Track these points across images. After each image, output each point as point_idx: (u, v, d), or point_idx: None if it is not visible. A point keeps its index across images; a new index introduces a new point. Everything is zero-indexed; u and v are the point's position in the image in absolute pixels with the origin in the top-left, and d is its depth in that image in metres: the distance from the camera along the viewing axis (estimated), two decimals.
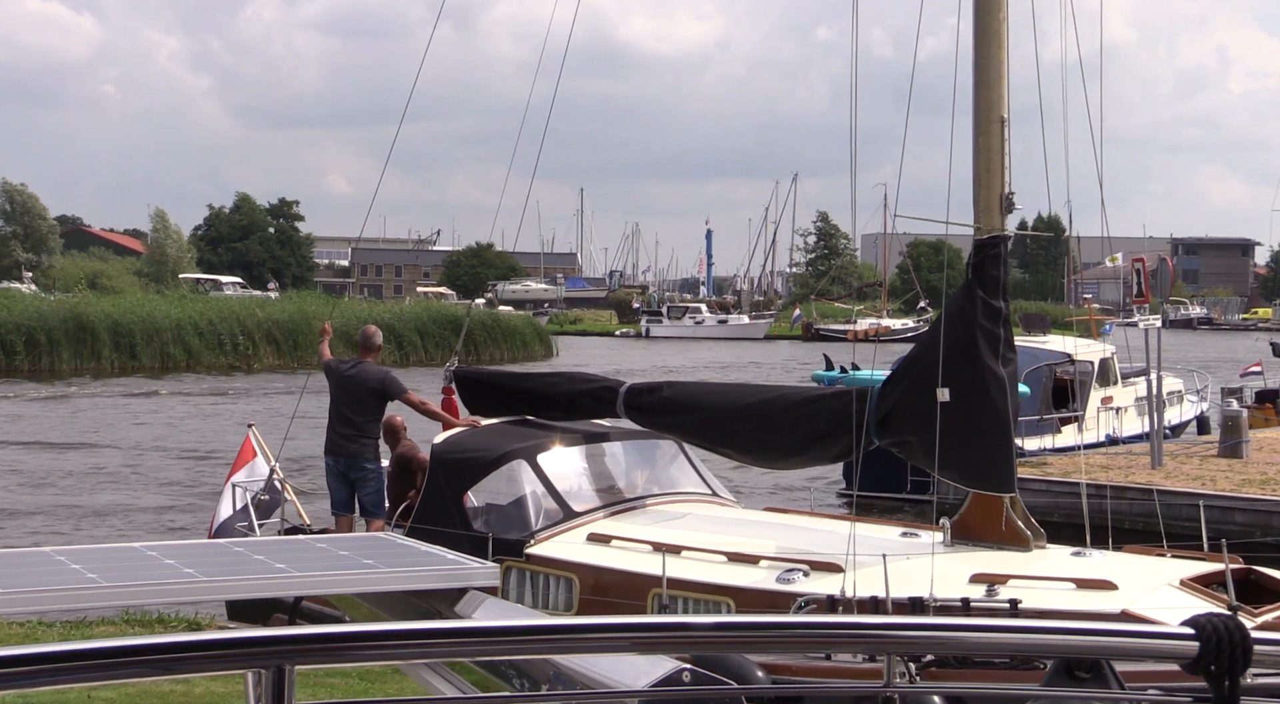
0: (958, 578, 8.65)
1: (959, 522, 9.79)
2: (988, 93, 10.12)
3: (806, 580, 8.89)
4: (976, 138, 10.19)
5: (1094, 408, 23.93)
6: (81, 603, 4.29)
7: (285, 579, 3.97)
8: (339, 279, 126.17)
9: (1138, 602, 8.18)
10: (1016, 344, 27.62)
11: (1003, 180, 10.16)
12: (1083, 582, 8.59)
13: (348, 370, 11.44)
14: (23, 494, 21.00)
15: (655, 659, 3.21)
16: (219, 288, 74.79)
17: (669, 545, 9.43)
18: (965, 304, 9.99)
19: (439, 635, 2.53)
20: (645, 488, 11.18)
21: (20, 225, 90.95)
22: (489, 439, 11.07)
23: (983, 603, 8.28)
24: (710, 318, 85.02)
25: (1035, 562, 9.25)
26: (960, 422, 9.47)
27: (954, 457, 9.62)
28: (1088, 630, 2.84)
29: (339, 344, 52.75)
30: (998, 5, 10.05)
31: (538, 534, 10.18)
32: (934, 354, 9.63)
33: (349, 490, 11.29)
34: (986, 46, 10.12)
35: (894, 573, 8.22)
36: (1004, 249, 10.17)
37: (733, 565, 9.29)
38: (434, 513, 10.45)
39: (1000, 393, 9.62)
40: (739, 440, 10.78)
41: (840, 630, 2.88)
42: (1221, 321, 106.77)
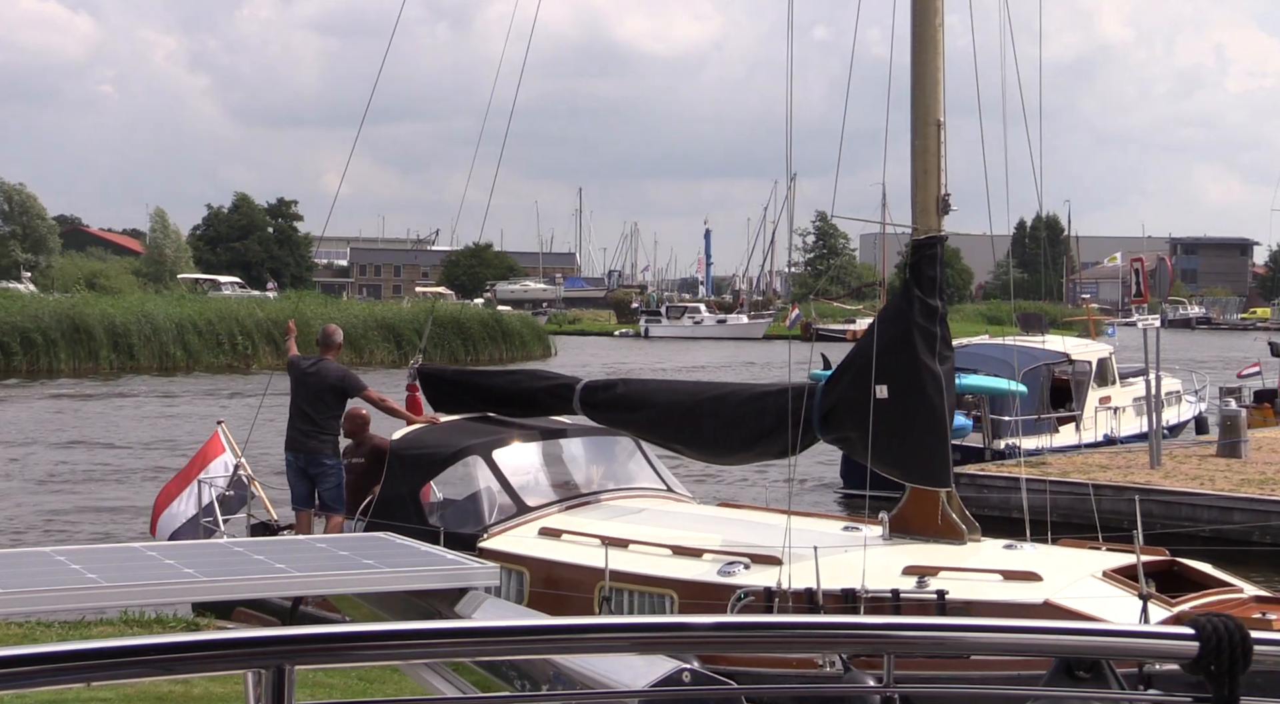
0: (892, 570, 8.87)
1: (897, 516, 10.04)
2: (924, 97, 10.35)
3: (746, 573, 9.13)
4: (914, 141, 10.39)
5: (1092, 408, 23.94)
6: (81, 603, 4.30)
7: (285, 579, 3.97)
8: (338, 279, 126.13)
9: (1060, 592, 8.39)
10: (1015, 344, 27.77)
11: (939, 182, 10.35)
12: (1009, 573, 8.78)
13: (308, 367, 11.61)
14: (21, 494, 20.99)
15: (655, 659, 3.21)
16: (217, 288, 74.75)
17: (616, 539, 9.64)
18: (902, 303, 10.24)
19: (439, 635, 2.53)
20: (601, 483, 11.40)
21: (19, 225, 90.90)
22: (446, 435, 11.30)
23: (912, 594, 8.50)
24: (709, 318, 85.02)
25: (968, 554, 9.46)
26: (897, 418, 9.75)
27: (892, 452, 9.95)
28: (1088, 631, 2.84)
29: None
30: (934, 12, 10.26)
31: (490, 528, 10.40)
32: (872, 352, 9.91)
33: (309, 486, 11.42)
34: (922, 52, 10.37)
35: (832, 565, 8.52)
36: (940, 250, 10.37)
37: (677, 559, 9.53)
38: (391, 507, 10.65)
39: (936, 390, 9.84)
40: (689, 436, 11.03)
41: (840, 630, 2.88)
42: (1220, 321, 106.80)
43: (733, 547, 9.54)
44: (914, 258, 10.39)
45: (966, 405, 22.22)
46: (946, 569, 8.90)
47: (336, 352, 12.00)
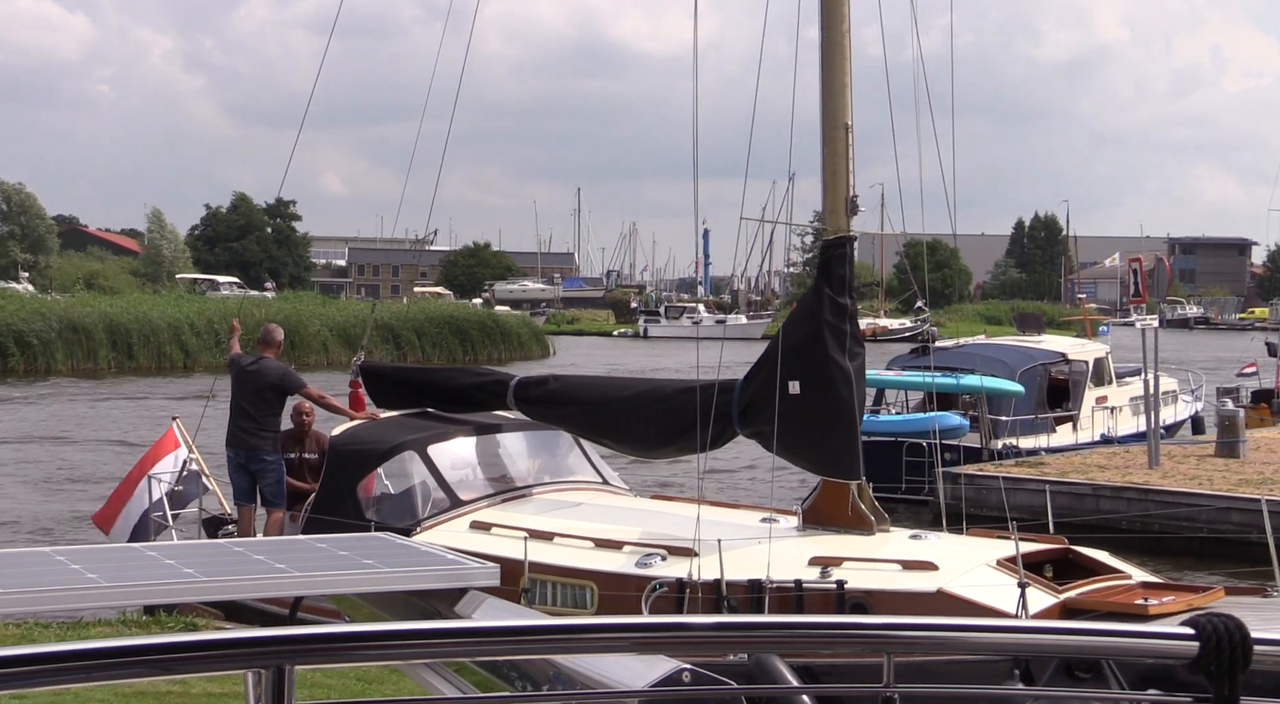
0: (799, 561, 9.19)
1: (810, 508, 10.32)
2: (833, 102, 10.63)
3: (663, 564, 9.43)
4: (824, 145, 10.66)
5: (1088, 407, 23.96)
6: (81, 603, 4.30)
7: (285, 579, 3.97)
8: (336, 279, 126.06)
9: (953, 581, 8.73)
10: (1011, 344, 27.77)
11: (848, 184, 10.63)
12: (908, 563, 9.14)
13: (248, 365, 11.82)
14: (20, 494, 20.97)
15: (655, 659, 3.21)
16: (216, 288, 74.74)
17: (542, 532, 9.98)
18: (813, 302, 10.49)
19: (439, 635, 2.53)
20: (537, 477, 11.69)
21: (18, 225, 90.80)
22: (384, 431, 11.55)
23: (814, 584, 8.85)
24: (708, 318, 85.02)
25: (874, 545, 9.73)
26: (809, 413, 10.07)
27: (804, 446, 10.31)
28: (1087, 631, 2.84)
29: (336, 344, 52.32)
30: (840, 19, 10.61)
31: (423, 522, 10.65)
32: (785, 348, 10.27)
33: (250, 481, 11.58)
34: (832, 58, 10.65)
35: (744, 556, 8.90)
36: (850, 249, 10.62)
37: (598, 551, 9.81)
38: (330, 502, 10.94)
39: (846, 385, 10.13)
40: (617, 431, 11.28)
41: (840, 630, 2.88)
42: (1218, 321, 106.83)
43: (652, 539, 9.80)
44: (824, 257, 10.63)
45: (964, 405, 22.25)
46: (850, 559, 9.20)
47: (277, 349, 12.20)
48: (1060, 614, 8.47)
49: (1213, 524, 16.89)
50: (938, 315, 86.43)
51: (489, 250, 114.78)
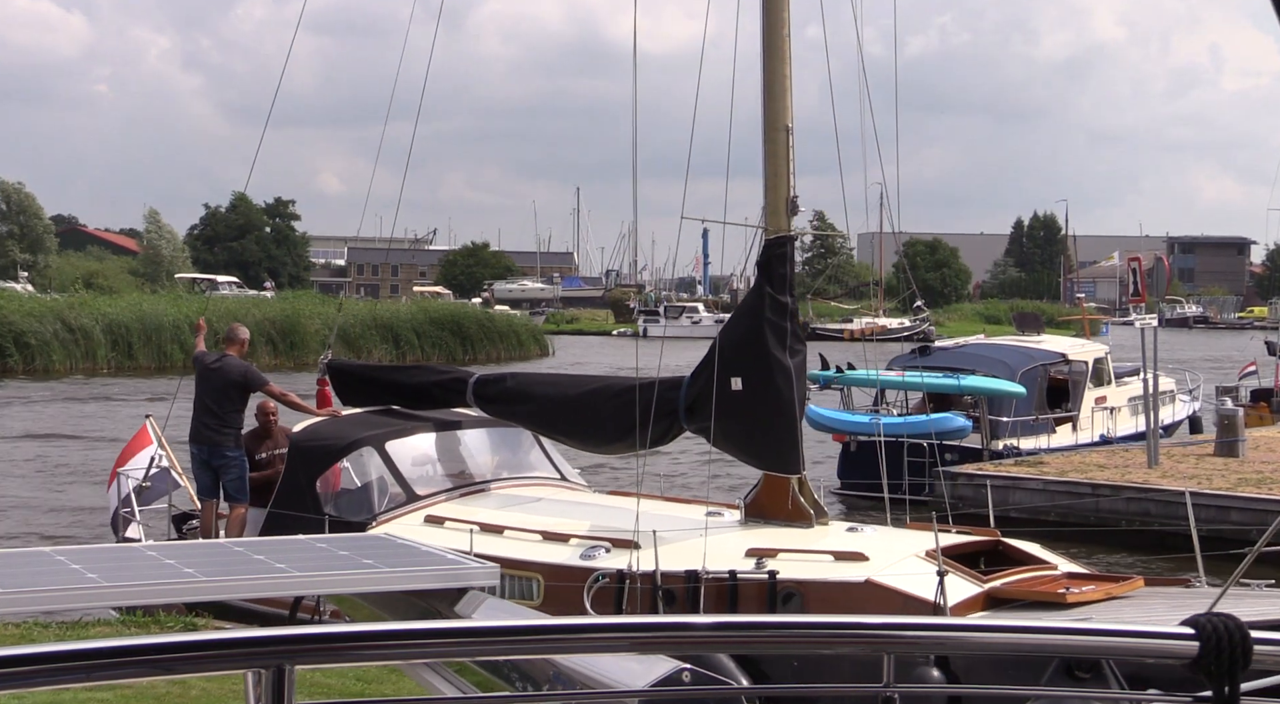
0: (736, 552, 9.46)
1: (753, 501, 10.55)
2: (774, 104, 10.84)
3: (607, 556, 9.66)
4: (765, 146, 10.87)
5: (1088, 408, 23.96)
6: (81, 603, 4.30)
7: (285, 579, 3.97)
8: (336, 279, 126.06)
9: (881, 571, 9.04)
10: (1011, 344, 27.78)
11: (788, 185, 10.81)
12: (840, 554, 9.41)
13: (212, 363, 12.01)
14: (20, 493, 20.97)
15: (655, 659, 3.21)
16: (215, 288, 74.70)
17: (493, 526, 10.29)
18: (754, 300, 10.76)
19: (439, 635, 2.53)
20: (495, 473, 11.93)
21: (16, 225, 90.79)
22: (344, 428, 11.82)
23: (748, 574, 9.12)
24: (708, 317, 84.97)
25: (810, 537, 9.99)
26: (751, 408, 10.36)
27: (746, 441, 10.59)
28: (1087, 631, 2.83)
29: (338, 344, 52.61)
30: (781, 23, 10.79)
31: (379, 516, 10.93)
32: (727, 346, 10.59)
33: (213, 477, 11.78)
34: (772, 62, 10.85)
35: (685, 548, 9.22)
36: (790, 249, 10.83)
37: (545, 544, 10.06)
38: (290, 497, 11.21)
39: (786, 382, 10.36)
40: (569, 427, 11.50)
41: (840, 630, 2.88)
42: (1218, 320, 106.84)
43: (599, 532, 10.02)
44: (765, 256, 10.78)
45: (965, 406, 22.25)
46: (785, 551, 9.48)
47: (241, 347, 12.43)
48: (984, 603, 8.85)
49: (1210, 523, 16.89)
50: (937, 315, 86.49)
51: (488, 250, 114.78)
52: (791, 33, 10.83)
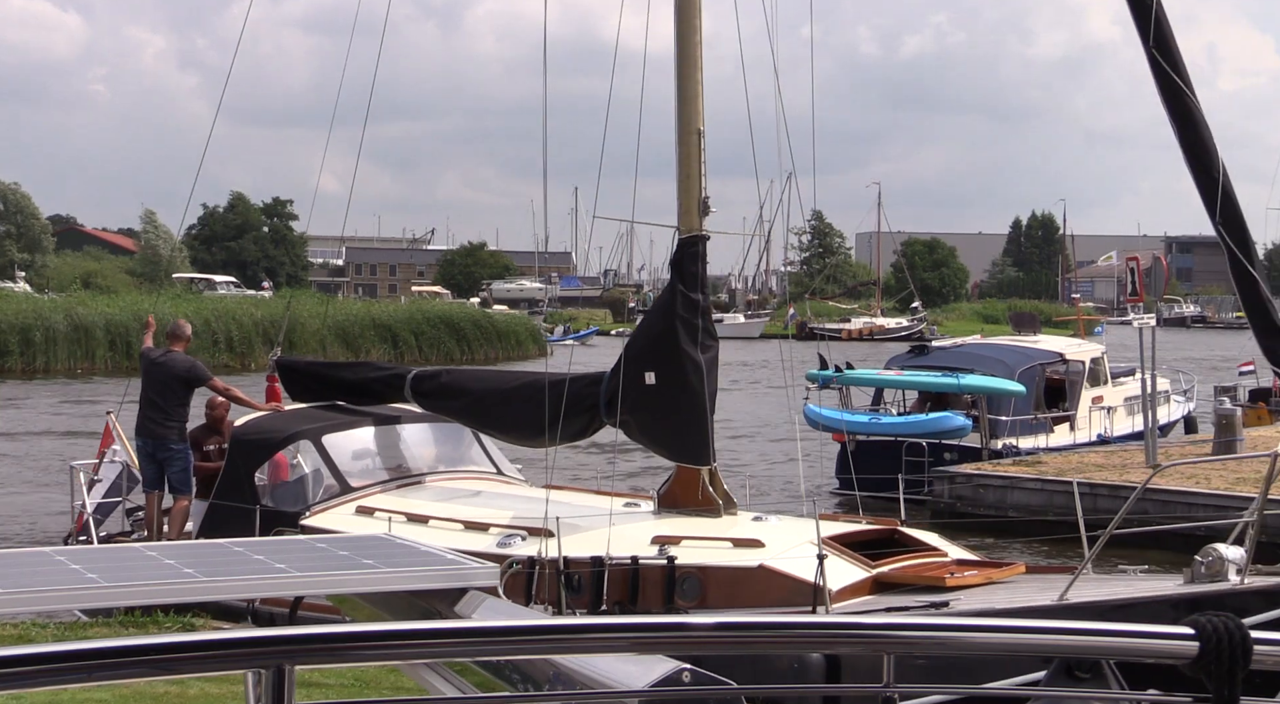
0: (643, 539, 9.87)
1: (666, 492, 10.93)
2: (686, 108, 11.22)
3: (523, 544, 10.04)
4: (678, 148, 11.23)
5: (1085, 407, 23.98)
6: (81, 603, 4.30)
7: (285, 579, 3.97)
8: (333, 278, 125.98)
9: (774, 557, 9.42)
10: (1009, 344, 27.77)
11: (700, 186, 11.14)
12: (738, 541, 9.83)
13: (157, 358, 12.36)
14: (20, 493, 20.96)
15: (654, 658, 3.21)
16: (213, 287, 74.70)
17: (420, 516, 10.68)
18: (667, 297, 11.13)
19: (439, 635, 2.53)
20: (432, 466, 12.31)
21: (13, 225, 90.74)
22: (283, 422, 12.21)
23: (648, 560, 9.51)
24: None
25: (716, 526, 10.35)
26: (664, 402, 10.72)
27: (660, 433, 10.95)
28: (1086, 631, 2.83)
29: (333, 342, 52.09)
30: (693, 29, 11.17)
31: (313, 507, 11.33)
32: (642, 342, 11.05)
33: (158, 470, 12.11)
34: (684, 67, 11.23)
35: (596, 536, 9.61)
36: (702, 247, 11.10)
37: (466, 532, 10.37)
38: (230, 489, 11.57)
39: (697, 376, 10.70)
40: (498, 421, 11.83)
41: (840, 630, 2.88)
42: (1215, 320, 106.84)
43: (518, 522, 10.40)
44: (678, 255, 11.12)
45: (963, 405, 22.26)
46: (689, 538, 9.90)
47: (185, 343, 12.68)
48: (871, 587, 9.31)
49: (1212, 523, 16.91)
50: (935, 314, 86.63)
51: (486, 250, 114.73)
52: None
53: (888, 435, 21.69)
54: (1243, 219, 9.12)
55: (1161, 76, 9.12)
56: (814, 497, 10.24)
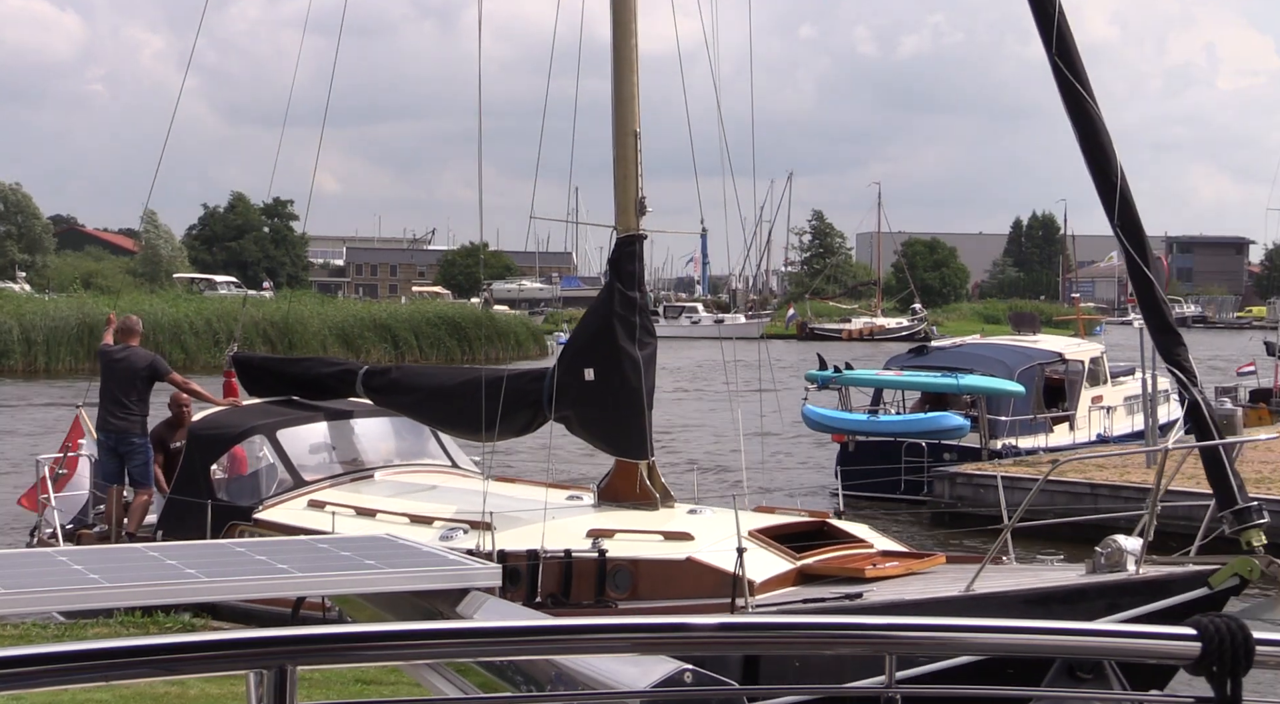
0: (579, 533, 10.09)
1: (606, 486, 11.17)
2: (623, 110, 11.43)
3: (464, 537, 10.13)
4: (615, 149, 11.45)
5: (1085, 407, 23.97)
6: (84, 604, 4.30)
7: (288, 580, 3.97)
8: (334, 279, 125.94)
9: (701, 550, 9.63)
10: (1008, 344, 27.76)
11: (637, 186, 11.35)
12: (669, 534, 10.07)
13: (118, 354, 12.59)
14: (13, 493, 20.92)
15: (656, 659, 3.21)
16: (214, 287, 74.69)
17: (369, 509, 10.94)
18: (605, 295, 11.38)
19: (441, 636, 2.53)
20: (385, 459, 12.50)
21: (14, 225, 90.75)
22: (239, 417, 12.43)
23: (581, 553, 9.74)
24: (706, 317, 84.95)
25: (652, 519, 10.57)
26: (603, 397, 10.97)
27: (599, 428, 11.21)
28: (1088, 631, 2.83)
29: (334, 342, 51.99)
30: (630, 33, 11.36)
31: (266, 501, 11.54)
32: (581, 339, 11.37)
33: (119, 463, 12.29)
34: (621, 69, 11.43)
35: (535, 529, 9.83)
36: (639, 247, 11.34)
37: (411, 525, 10.49)
38: (187, 483, 11.76)
39: (635, 372, 10.92)
40: (446, 416, 12.02)
41: (841, 631, 2.88)
42: (1216, 320, 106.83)
43: (462, 515, 10.53)
44: (615, 254, 11.34)
45: (963, 406, 22.26)
46: (622, 531, 10.10)
47: (139, 337, 12.96)
48: (795, 578, 9.55)
49: None
50: (935, 314, 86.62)
51: (486, 250, 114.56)
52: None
53: (886, 436, 21.67)
54: (1139, 221, 9.42)
55: (1064, 83, 9.32)
56: (736, 493, 10.47)
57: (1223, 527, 9.00)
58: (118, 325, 13.02)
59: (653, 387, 11.25)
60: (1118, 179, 9.35)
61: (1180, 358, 9.36)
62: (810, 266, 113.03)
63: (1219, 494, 8.99)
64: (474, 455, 13.46)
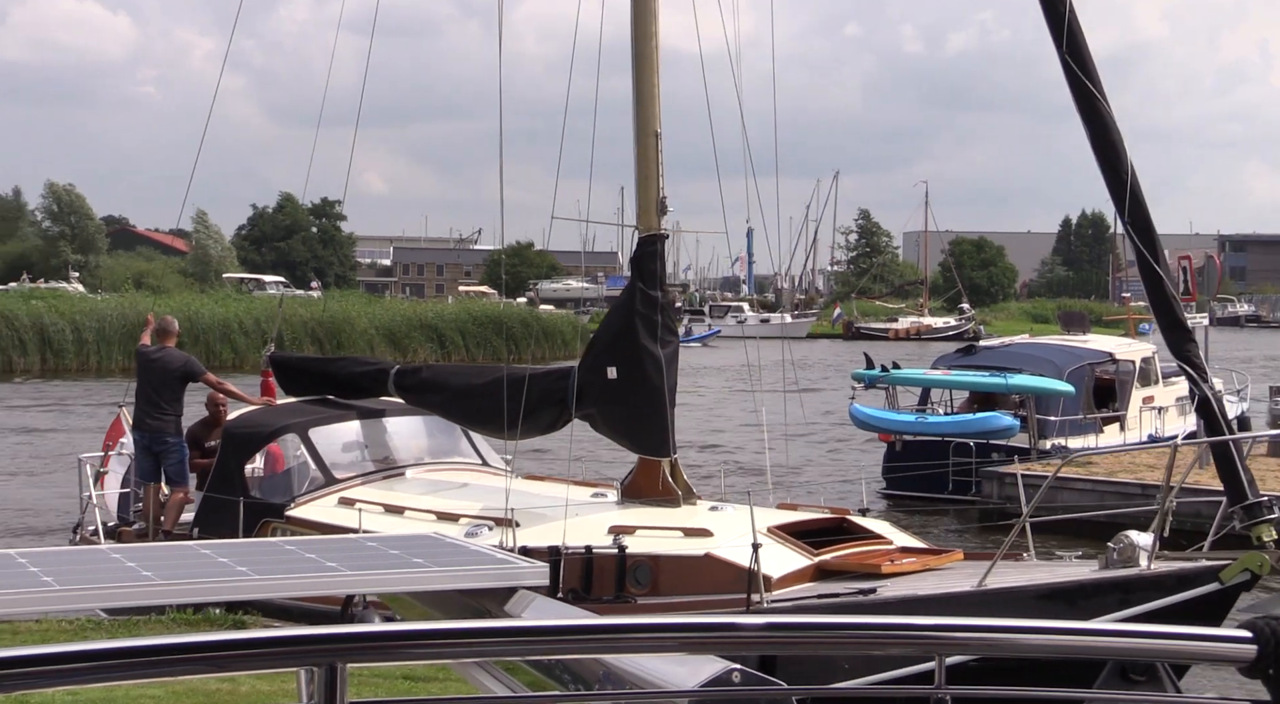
0: (600, 529, 10.14)
1: (630, 484, 11.26)
2: (644, 111, 11.49)
3: (489, 534, 10.21)
4: (636, 150, 11.53)
5: (1135, 407, 23.72)
6: (138, 601, 4.34)
7: (337, 578, 4.00)
8: (381, 278, 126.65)
9: (720, 546, 9.70)
10: (1057, 343, 27.60)
11: (658, 186, 11.42)
12: (688, 530, 10.15)
13: (154, 355, 12.80)
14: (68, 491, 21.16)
15: (704, 658, 3.20)
16: (262, 287, 75.30)
17: (397, 506, 11.09)
18: (627, 295, 11.48)
19: (490, 634, 2.53)
20: (416, 458, 12.66)
21: (68, 225, 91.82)
22: (273, 416, 12.64)
23: (601, 549, 9.82)
24: (752, 317, 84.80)
25: (674, 516, 10.64)
26: (626, 395, 11.06)
27: (623, 426, 11.30)
28: (1142, 634, 2.80)
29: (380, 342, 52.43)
30: (649, 35, 11.44)
31: (298, 498, 11.71)
32: (605, 338, 11.42)
33: (154, 462, 12.50)
34: (641, 70, 11.49)
35: (558, 526, 9.94)
36: (660, 246, 11.41)
37: (437, 522, 10.64)
38: (222, 481, 11.96)
39: (656, 370, 10.99)
40: (474, 414, 12.09)
41: (891, 631, 2.86)
42: (1269, 319, 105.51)
43: (488, 512, 10.65)
44: (637, 253, 11.45)
45: (1011, 406, 22.09)
46: (644, 528, 10.16)
47: (175, 338, 13.22)
48: (813, 574, 9.66)
49: None
50: (983, 314, 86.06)
51: (532, 249, 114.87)
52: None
53: (934, 436, 21.55)
54: (1149, 218, 9.42)
55: (1075, 82, 9.43)
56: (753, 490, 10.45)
57: (1234, 522, 9.06)
58: (155, 326, 13.27)
59: (674, 384, 11.34)
60: (1128, 177, 9.38)
61: (1190, 354, 9.46)
62: (856, 266, 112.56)
63: (1229, 490, 9.11)
64: (505, 454, 13.52)
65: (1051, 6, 9.49)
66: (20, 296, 52.69)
